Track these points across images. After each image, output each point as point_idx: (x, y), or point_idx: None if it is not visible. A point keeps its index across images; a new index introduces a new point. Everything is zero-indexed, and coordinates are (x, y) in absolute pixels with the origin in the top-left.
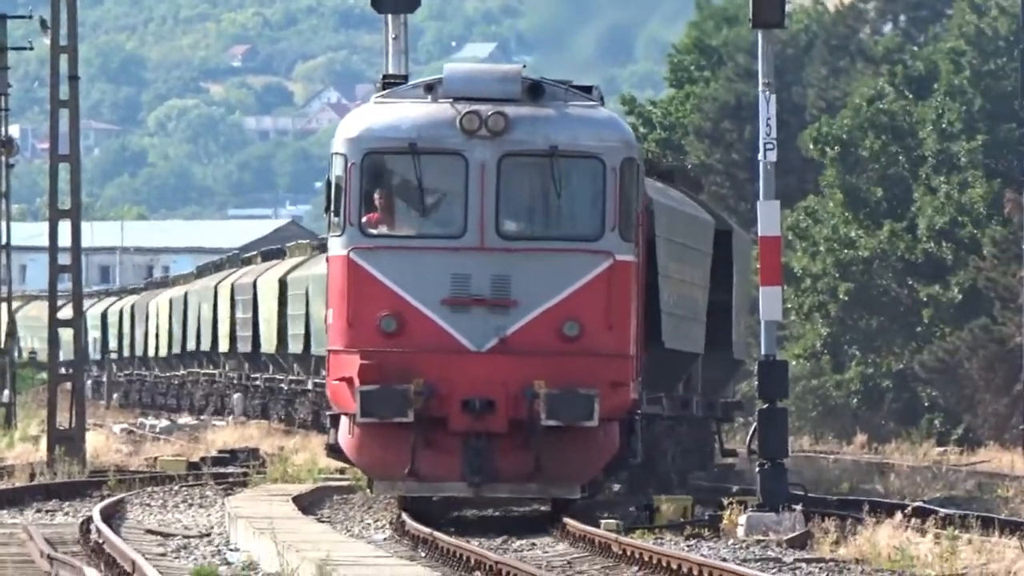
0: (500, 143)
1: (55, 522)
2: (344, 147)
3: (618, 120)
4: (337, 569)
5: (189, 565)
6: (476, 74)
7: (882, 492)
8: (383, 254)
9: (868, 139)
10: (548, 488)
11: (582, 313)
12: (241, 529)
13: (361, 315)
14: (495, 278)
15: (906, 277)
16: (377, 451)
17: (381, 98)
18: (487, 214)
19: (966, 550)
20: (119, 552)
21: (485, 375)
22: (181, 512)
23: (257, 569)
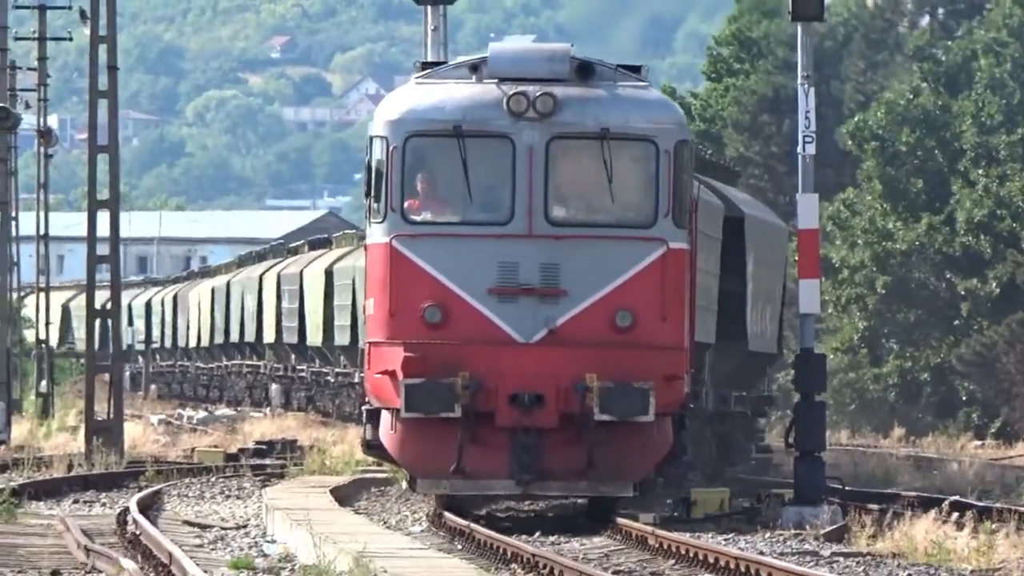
0: (549, 125)
1: (92, 513)
2: (385, 130)
3: (670, 101)
4: (373, 561)
5: (226, 557)
6: (523, 53)
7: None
8: (427, 241)
9: (904, 133)
10: (599, 486)
11: (635, 303)
12: (278, 521)
13: (404, 305)
14: (544, 266)
15: (944, 270)
16: (422, 448)
17: (422, 79)
18: (535, 199)
19: (1003, 544)
20: (156, 543)
21: (534, 368)
22: (218, 503)
23: (294, 561)
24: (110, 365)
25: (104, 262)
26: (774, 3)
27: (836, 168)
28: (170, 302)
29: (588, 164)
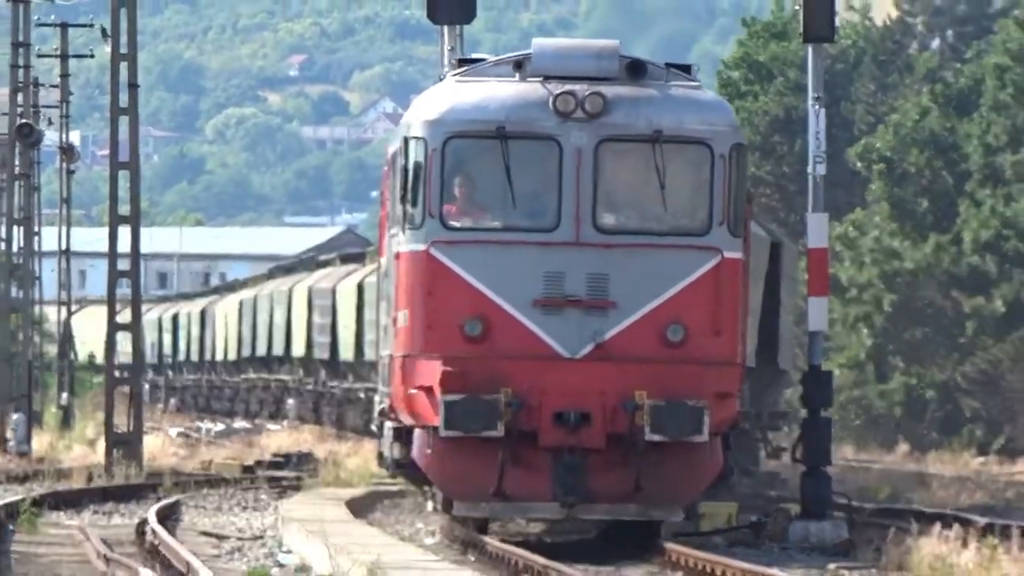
0: (598, 126)
1: (111, 523)
2: (423, 130)
3: (725, 103)
4: (387, 572)
5: (242, 567)
6: (570, 50)
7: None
8: (466, 249)
9: (913, 154)
10: (648, 510)
11: (687, 316)
12: (294, 532)
13: (442, 316)
14: (591, 276)
15: (950, 289)
16: (461, 468)
17: (461, 76)
18: (583, 205)
19: (1006, 560)
20: (174, 553)
21: (580, 384)
22: (235, 515)
23: (309, 571)
24: (130, 378)
25: (125, 277)
26: (783, 26)
27: (846, 188)
28: (197, 316)
29: (639, 168)
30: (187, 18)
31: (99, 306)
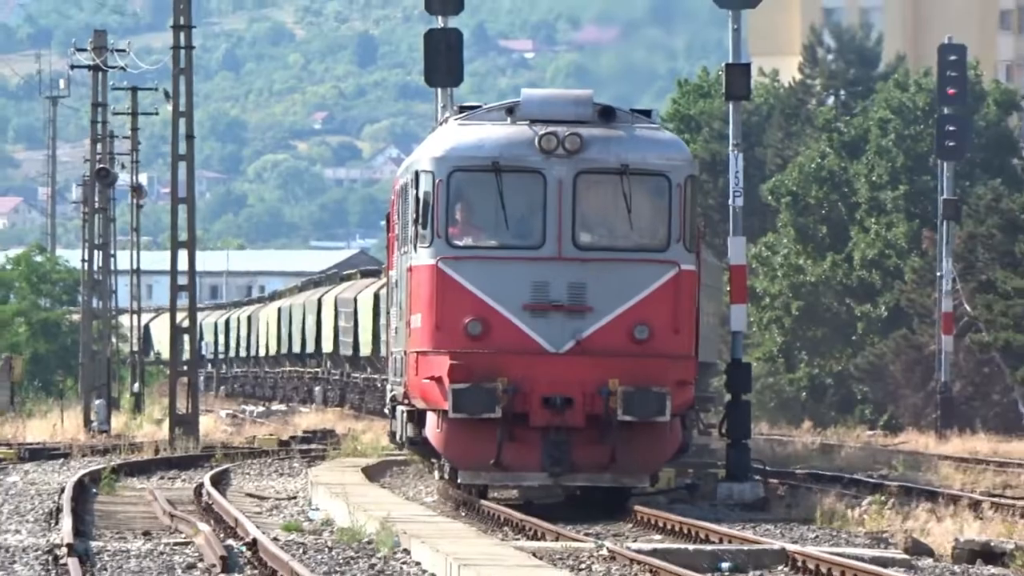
0: (575, 161)
1: (174, 487)
2: (431, 165)
3: (681, 141)
4: (396, 525)
5: (279, 521)
6: (551, 98)
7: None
8: (468, 263)
9: (813, 189)
10: (621, 478)
11: (651, 318)
12: (320, 493)
13: (448, 319)
14: (571, 285)
15: (844, 297)
16: (466, 444)
17: (463, 120)
18: (564, 226)
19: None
20: (224, 511)
21: (564, 374)
22: (273, 480)
23: (333, 524)
24: (189, 371)
25: (183, 290)
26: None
27: (760, 216)
28: (244, 320)
29: (610, 196)
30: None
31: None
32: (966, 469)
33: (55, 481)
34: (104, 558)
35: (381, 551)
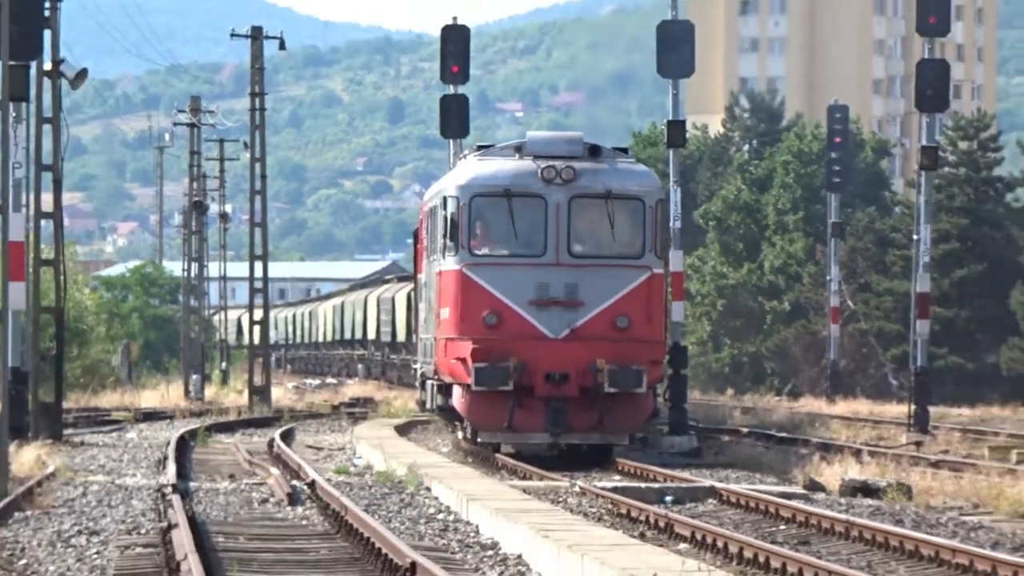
0: (570, 188)
1: (252, 440)
2: (456, 192)
3: (652, 172)
4: (420, 468)
5: (332, 466)
6: (551, 139)
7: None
8: (486, 268)
9: (733, 215)
10: (607, 436)
11: (630, 310)
12: (362, 445)
13: (471, 312)
14: (567, 285)
15: (757, 296)
16: (485, 410)
17: (480, 156)
18: (561, 239)
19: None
20: (290, 458)
21: (561, 356)
22: (327, 435)
23: (372, 469)
24: (263, 353)
25: (259, 293)
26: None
27: (693, 235)
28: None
29: (597, 215)
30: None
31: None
32: (850, 425)
33: (162, 437)
34: (199, 494)
35: (409, 488)
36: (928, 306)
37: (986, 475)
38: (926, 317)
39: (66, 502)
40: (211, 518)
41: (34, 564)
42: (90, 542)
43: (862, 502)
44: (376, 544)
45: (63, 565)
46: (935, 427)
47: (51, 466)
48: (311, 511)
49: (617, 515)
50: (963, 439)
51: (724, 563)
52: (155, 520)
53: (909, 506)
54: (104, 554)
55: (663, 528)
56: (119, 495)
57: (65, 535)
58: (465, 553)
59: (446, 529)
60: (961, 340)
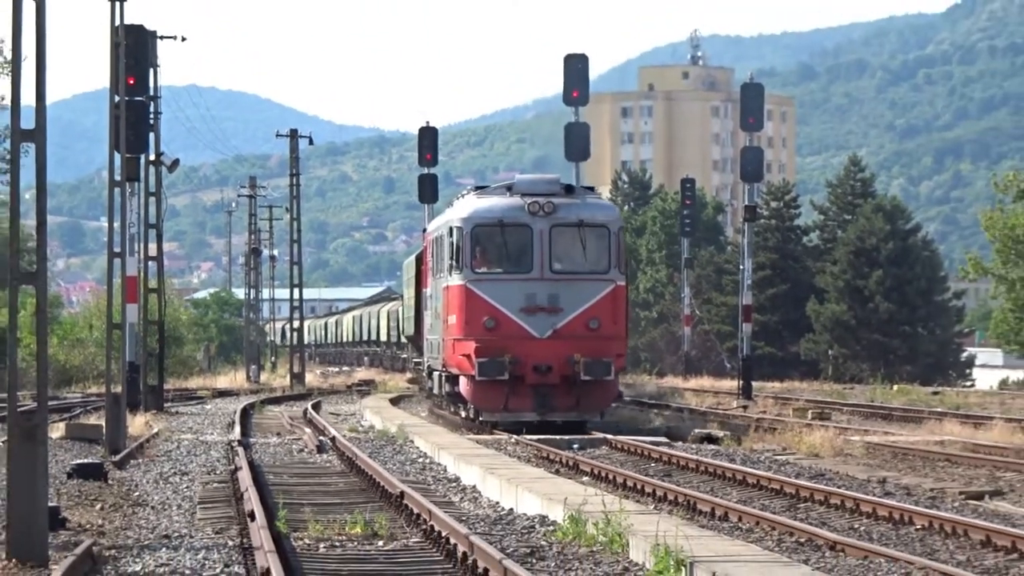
0: (551, 219)
1: (292, 410)
2: (461, 223)
3: (614, 206)
4: (406, 427)
5: (346, 427)
6: (535, 180)
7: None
8: (485, 283)
9: None
10: (582, 414)
11: (599, 315)
12: (367, 412)
13: (473, 318)
14: (550, 295)
15: (635, 308)
16: (486, 395)
17: (479, 194)
18: (544, 259)
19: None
20: (318, 422)
21: (546, 351)
22: (343, 405)
23: (374, 428)
24: (299, 350)
25: (296, 309)
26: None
27: None
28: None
29: (572, 240)
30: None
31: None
32: (698, 395)
33: (231, 408)
34: (256, 447)
35: (398, 441)
36: (751, 313)
37: (791, 428)
38: (749, 321)
39: (165, 453)
40: (264, 463)
41: (144, 495)
42: (182, 479)
43: (707, 447)
44: (377, 479)
45: (164, 495)
46: (756, 396)
47: (155, 428)
48: (332, 457)
49: (540, 458)
50: (775, 404)
51: (613, 490)
52: (226, 464)
53: (739, 450)
54: (192, 488)
55: (572, 466)
56: (202, 447)
57: (165, 475)
58: (437, 485)
59: (424, 469)
60: (773, 336)
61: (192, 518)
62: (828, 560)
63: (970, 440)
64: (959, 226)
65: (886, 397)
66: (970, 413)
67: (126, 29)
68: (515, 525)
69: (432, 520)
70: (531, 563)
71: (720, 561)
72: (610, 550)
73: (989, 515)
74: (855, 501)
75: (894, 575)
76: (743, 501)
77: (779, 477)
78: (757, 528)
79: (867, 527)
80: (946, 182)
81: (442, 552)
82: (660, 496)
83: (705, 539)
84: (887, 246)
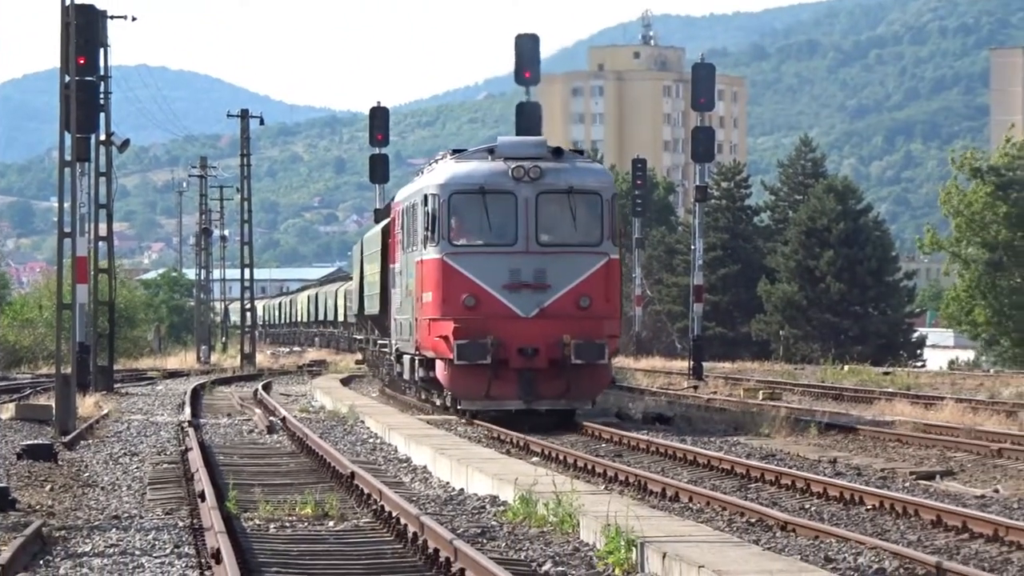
0: (537, 185)
1: (243, 390)
2: (437, 190)
3: (607, 171)
4: (357, 407)
5: (297, 407)
6: (519, 142)
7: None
8: (464, 256)
9: None
10: (573, 402)
11: (590, 292)
12: (318, 392)
13: (451, 295)
14: (536, 270)
15: None
16: (466, 381)
17: (456, 158)
18: (530, 230)
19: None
20: (269, 403)
21: (532, 332)
22: (294, 386)
23: (324, 409)
24: (250, 330)
25: (248, 289)
26: None
27: None
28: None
29: (561, 208)
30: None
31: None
32: (649, 375)
33: (181, 388)
34: (207, 427)
35: (349, 422)
36: (702, 293)
37: (741, 408)
38: (700, 301)
39: (115, 433)
40: (214, 443)
41: (94, 476)
42: (132, 460)
43: (658, 427)
44: (327, 460)
45: (114, 476)
46: (707, 376)
47: (105, 409)
48: (283, 438)
49: (491, 439)
50: (726, 384)
51: (564, 470)
52: (176, 445)
53: (690, 429)
54: (142, 468)
55: (522, 447)
56: (152, 428)
57: (115, 456)
58: (388, 465)
59: (375, 449)
60: (724, 316)
61: (142, 499)
62: (779, 540)
63: (921, 420)
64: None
65: (837, 377)
66: (921, 393)
67: (77, 9)
68: (466, 505)
69: (383, 500)
70: (482, 543)
71: (671, 541)
72: (561, 530)
73: (940, 495)
74: (806, 481)
75: (845, 555)
76: (694, 481)
77: (730, 457)
78: (708, 508)
79: (818, 507)
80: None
81: (393, 532)
82: (611, 476)
83: (656, 519)
84: (838, 226)
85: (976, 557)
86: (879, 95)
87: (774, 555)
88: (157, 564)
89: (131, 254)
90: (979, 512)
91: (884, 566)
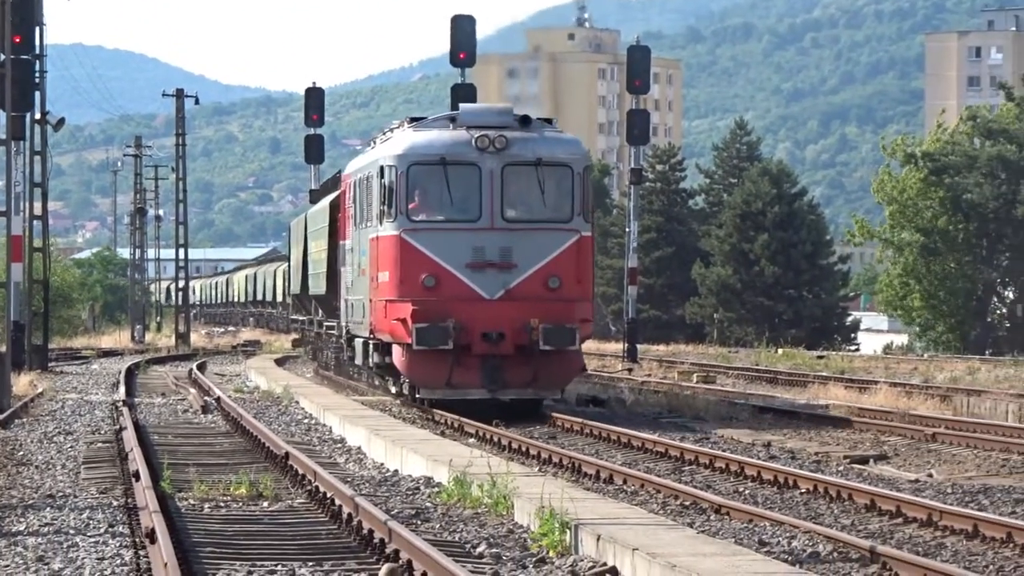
0: (502, 156)
1: (178, 370)
2: (394, 161)
3: (579, 141)
4: (292, 388)
5: (232, 387)
6: (482, 110)
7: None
8: (424, 233)
9: None
10: (540, 391)
11: (561, 271)
12: (252, 372)
13: (410, 275)
14: (501, 249)
15: None
16: (425, 368)
17: (415, 127)
18: (495, 205)
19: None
20: (203, 383)
21: (497, 315)
22: (228, 366)
23: (259, 389)
24: (184, 310)
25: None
26: None
27: None
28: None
29: (528, 182)
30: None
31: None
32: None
33: (116, 368)
34: (141, 407)
35: (284, 402)
36: (636, 276)
37: (676, 390)
38: (635, 284)
39: (50, 412)
40: (149, 423)
41: (28, 455)
42: (67, 439)
43: (592, 410)
44: (262, 440)
45: (48, 455)
46: (641, 359)
47: (40, 388)
48: (217, 418)
49: (425, 419)
50: (660, 366)
51: (499, 452)
52: (111, 424)
53: (624, 412)
54: (77, 447)
55: (457, 428)
56: (86, 407)
57: (50, 435)
58: (323, 446)
59: (309, 430)
60: (658, 299)
61: (77, 478)
62: (713, 523)
63: (855, 404)
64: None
65: (771, 361)
66: (855, 377)
67: None
68: (400, 487)
69: (317, 481)
70: (416, 524)
71: (605, 523)
72: (495, 512)
73: (874, 479)
74: (740, 464)
75: (779, 538)
76: (628, 464)
77: (664, 440)
78: (642, 491)
79: (752, 490)
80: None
81: (327, 513)
82: (545, 459)
83: (590, 502)
84: (773, 210)
85: (910, 541)
86: (814, 79)
87: (708, 538)
88: (91, 543)
89: (66, 233)
90: (913, 496)
91: (818, 550)
